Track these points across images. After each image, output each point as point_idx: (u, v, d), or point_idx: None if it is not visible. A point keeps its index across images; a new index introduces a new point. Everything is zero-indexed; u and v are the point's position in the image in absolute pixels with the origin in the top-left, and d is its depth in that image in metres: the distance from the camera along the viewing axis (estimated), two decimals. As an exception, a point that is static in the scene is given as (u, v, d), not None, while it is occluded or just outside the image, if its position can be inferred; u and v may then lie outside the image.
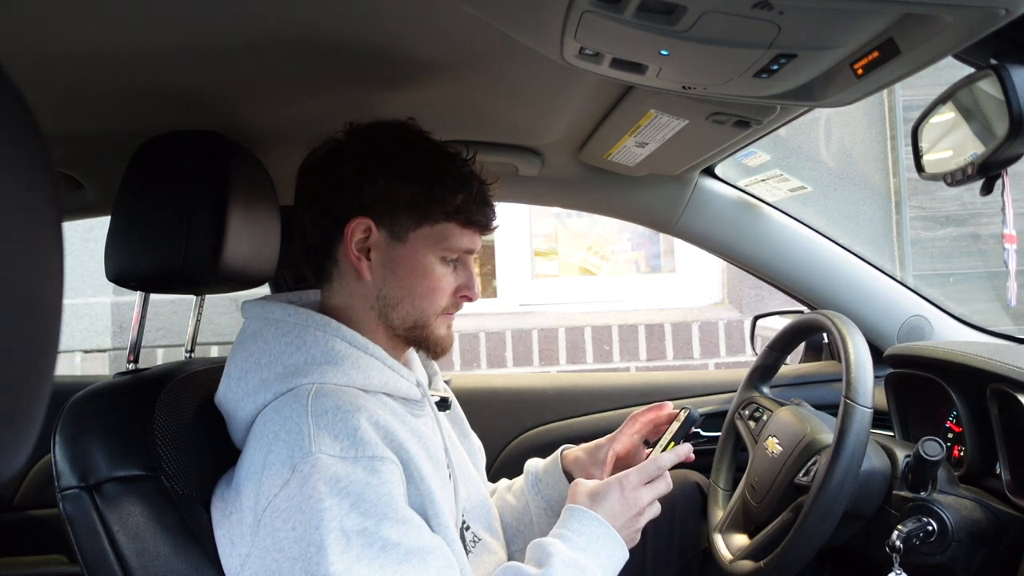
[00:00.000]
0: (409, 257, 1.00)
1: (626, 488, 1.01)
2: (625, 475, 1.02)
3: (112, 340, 2.78)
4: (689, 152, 1.38)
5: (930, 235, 3.03)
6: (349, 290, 1.02)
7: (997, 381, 1.09)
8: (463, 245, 1.02)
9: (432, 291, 1.01)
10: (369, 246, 0.99)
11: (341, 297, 1.03)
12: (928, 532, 1.02)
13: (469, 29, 0.88)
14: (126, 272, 1.05)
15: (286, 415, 0.88)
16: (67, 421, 0.93)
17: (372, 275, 1.00)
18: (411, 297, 1.00)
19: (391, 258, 1.00)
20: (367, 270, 0.99)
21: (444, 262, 1.02)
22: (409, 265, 1.00)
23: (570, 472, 1.21)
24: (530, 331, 2.86)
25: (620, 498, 1.01)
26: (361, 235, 0.99)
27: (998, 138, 0.79)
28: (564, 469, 1.21)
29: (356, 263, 0.99)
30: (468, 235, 1.02)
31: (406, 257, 1.00)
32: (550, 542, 0.97)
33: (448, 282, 1.02)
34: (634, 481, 1.02)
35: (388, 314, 1.01)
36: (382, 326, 1.02)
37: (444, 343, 1.05)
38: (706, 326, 2.90)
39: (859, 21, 0.69)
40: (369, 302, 1.01)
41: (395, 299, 1.00)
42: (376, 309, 1.01)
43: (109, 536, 0.88)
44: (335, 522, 0.81)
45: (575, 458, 1.21)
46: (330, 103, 1.13)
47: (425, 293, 1.01)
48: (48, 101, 1.04)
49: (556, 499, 1.20)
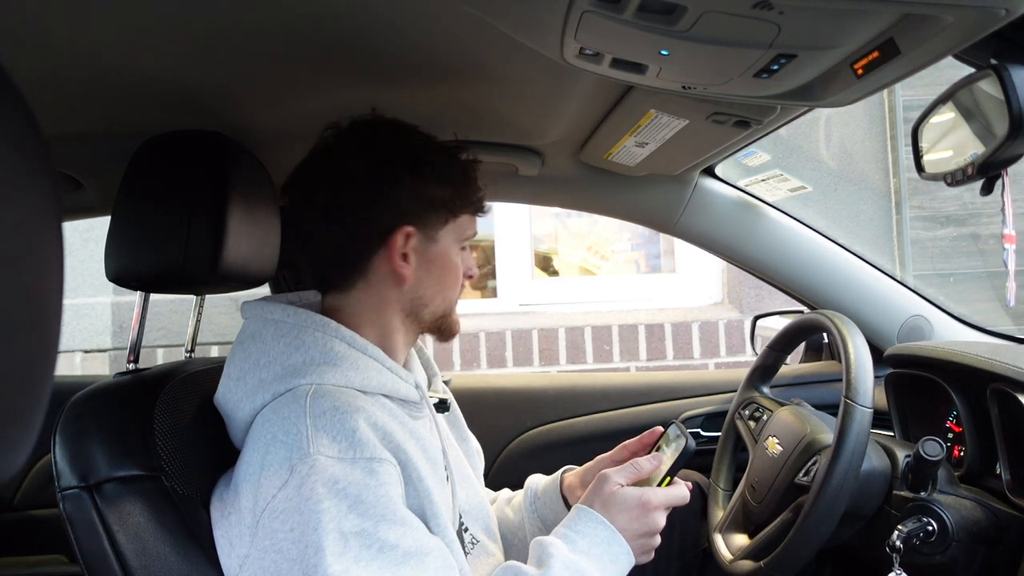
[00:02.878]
0: (442, 254, 1.04)
1: (648, 506, 0.98)
2: (652, 493, 0.99)
3: (112, 340, 2.78)
4: (689, 152, 1.38)
5: (930, 235, 3.03)
6: (379, 296, 1.02)
7: (997, 381, 1.09)
8: (473, 232, 1.09)
9: (456, 281, 1.06)
10: (407, 251, 1.00)
11: (363, 302, 1.02)
12: (928, 532, 1.02)
13: (469, 29, 0.88)
14: (126, 272, 1.05)
15: (284, 416, 0.88)
16: (67, 421, 0.93)
17: (412, 279, 1.01)
18: (443, 292, 1.05)
19: (427, 259, 1.02)
20: (410, 275, 1.01)
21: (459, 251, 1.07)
22: (442, 262, 1.04)
23: (567, 497, 1.18)
24: (530, 331, 2.86)
25: (640, 513, 0.98)
26: (403, 241, 1.00)
27: (998, 138, 0.79)
28: (562, 494, 1.19)
29: (399, 270, 1.00)
30: (476, 221, 1.09)
31: (439, 255, 1.03)
32: (551, 542, 0.95)
33: (461, 269, 1.07)
34: (658, 502, 0.99)
35: (419, 312, 1.04)
36: (405, 324, 1.04)
37: (458, 324, 1.10)
38: (706, 326, 2.90)
39: (859, 21, 0.69)
40: (402, 304, 1.03)
41: (429, 297, 1.03)
42: (406, 310, 1.03)
43: (109, 536, 0.88)
44: (333, 523, 0.81)
45: (570, 484, 1.19)
46: (330, 103, 1.13)
47: (452, 284, 1.06)
48: (48, 101, 1.04)
49: (552, 520, 1.17)
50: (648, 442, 1.12)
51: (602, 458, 1.17)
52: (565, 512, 1.15)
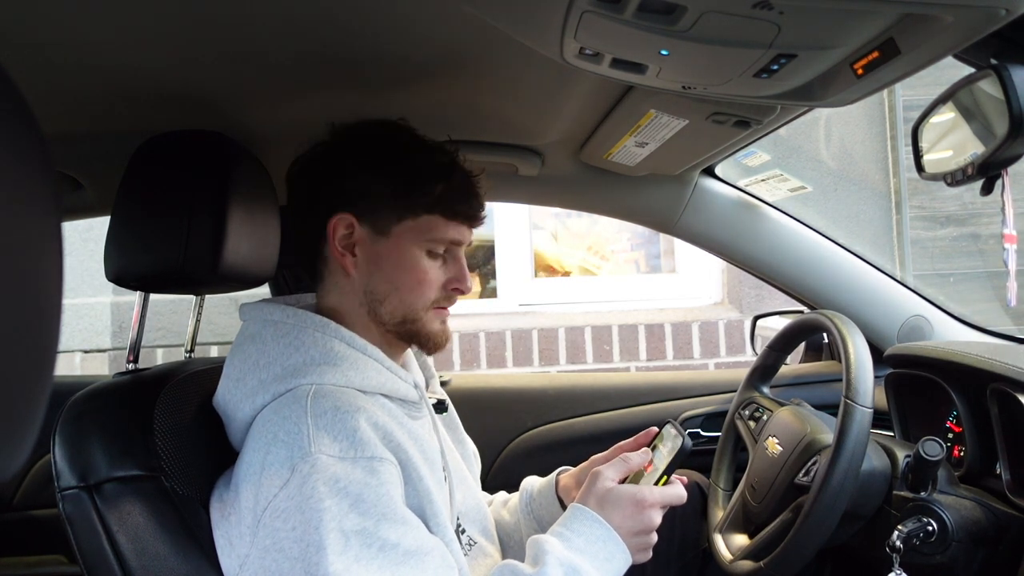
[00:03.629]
0: (393, 251, 1.00)
1: (644, 504, 0.97)
2: (647, 491, 0.99)
3: (112, 340, 2.78)
4: (689, 152, 1.38)
5: (930, 235, 3.03)
6: (339, 288, 1.03)
7: (997, 381, 1.09)
8: (449, 237, 1.02)
9: (418, 284, 1.01)
10: (353, 242, 1.00)
11: (333, 296, 1.03)
12: (928, 532, 1.02)
13: (469, 29, 0.88)
14: (126, 272, 1.05)
15: (285, 416, 0.88)
16: (67, 421, 0.93)
17: (357, 271, 1.00)
18: (398, 291, 1.00)
19: (375, 253, 1.00)
20: (352, 266, 1.00)
21: (431, 255, 1.02)
22: (394, 259, 1.00)
23: (563, 498, 1.18)
24: (530, 331, 2.86)
25: (635, 511, 0.97)
26: (344, 231, 0.99)
27: (998, 138, 0.79)
28: (558, 495, 1.19)
29: (341, 259, 1.00)
30: (454, 227, 1.02)
31: (390, 251, 1.00)
32: (546, 540, 0.95)
33: (436, 275, 1.02)
34: (653, 500, 0.98)
35: (376, 309, 1.01)
36: (373, 323, 1.02)
37: (438, 338, 1.04)
38: (706, 326, 2.89)
39: (859, 21, 0.69)
40: (358, 299, 1.02)
41: (382, 294, 1.01)
42: (365, 305, 1.02)
43: (109, 536, 0.88)
44: (334, 522, 0.81)
45: (566, 486, 1.19)
46: (330, 103, 1.13)
47: (411, 287, 1.00)
48: (49, 101, 1.04)
49: (548, 521, 1.18)
50: (643, 443, 1.11)
51: (596, 458, 1.17)
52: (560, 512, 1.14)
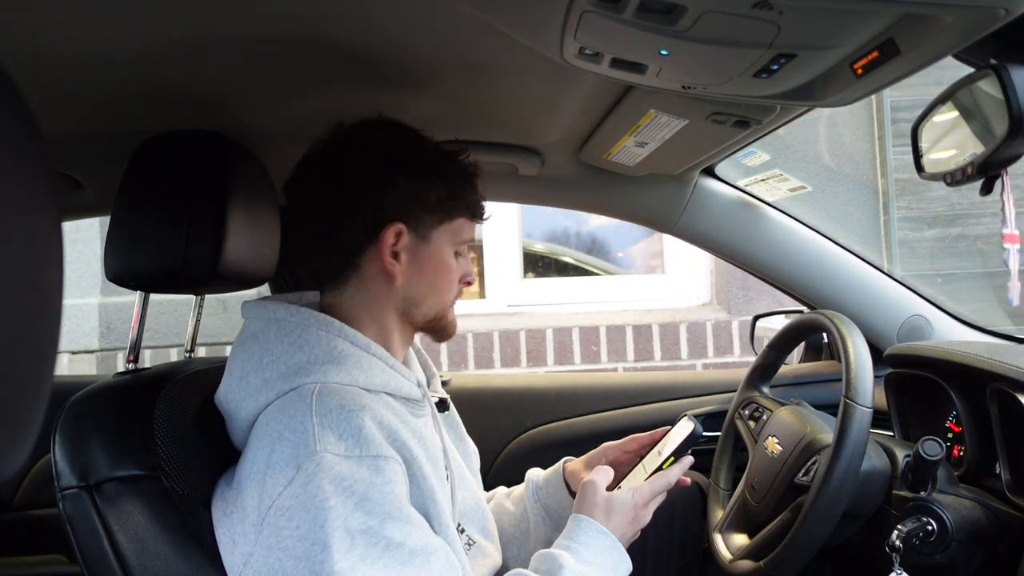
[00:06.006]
0: (433, 255, 1.03)
1: (638, 504, 1.05)
2: (638, 490, 1.06)
3: (100, 341, 2.77)
4: (689, 152, 1.38)
5: (917, 235, 3.03)
6: (371, 293, 1.02)
7: (997, 381, 1.09)
8: (471, 236, 1.08)
9: (451, 283, 1.06)
10: (398, 249, 1.01)
11: (356, 299, 1.03)
12: (928, 532, 1.02)
13: (469, 29, 0.88)
14: (126, 272, 1.05)
15: (290, 414, 0.88)
16: (67, 421, 0.93)
17: (402, 277, 1.01)
18: (436, 293, 1.05)
19: (418, 258, 1.02)
20: (400, 273, 1.01)
21: (457, 255, 1.07)
22: (433, 263, 1.03)
23: (570, 483, 1.21)
24: (518, 332, 2.86)
25: (634, 515, 1.04)
26: (393, 239, 1.00)
27: (998, 138, 0.79)
28: (565, 480, 1.22)
29: (389, 268, 1.00)
30: (474, 226, 1.08)
31: (430, 256, 1.03)
32: (559, 554, 0.97)
33: (457, 272, 1.07)
34: (646, 496, 1.06)
35: (411, 312, 1.04)
36: (400, 323, 1.04)
37: (454, 325, 1.10)
38: (694, 327, 2.89)
39: (859, 21, 0.69)
40: (394, 303, 1.03)
41: (421, 297, 1.03)
42: (399, 309, 1.03)
43: (109, 536, 0.88)
44: (339, 521, 0.82)
45: (573, 470, 1.22)
46: (330, 103, 1.13)
47: (446, 287, 1.05)
48: (48, 101, 1.04)
49: (555, 508, 1.21)
50: (657, 438, 1.18)
51: (608, 445, 1.20)
52: (568, 498, 1.17)
